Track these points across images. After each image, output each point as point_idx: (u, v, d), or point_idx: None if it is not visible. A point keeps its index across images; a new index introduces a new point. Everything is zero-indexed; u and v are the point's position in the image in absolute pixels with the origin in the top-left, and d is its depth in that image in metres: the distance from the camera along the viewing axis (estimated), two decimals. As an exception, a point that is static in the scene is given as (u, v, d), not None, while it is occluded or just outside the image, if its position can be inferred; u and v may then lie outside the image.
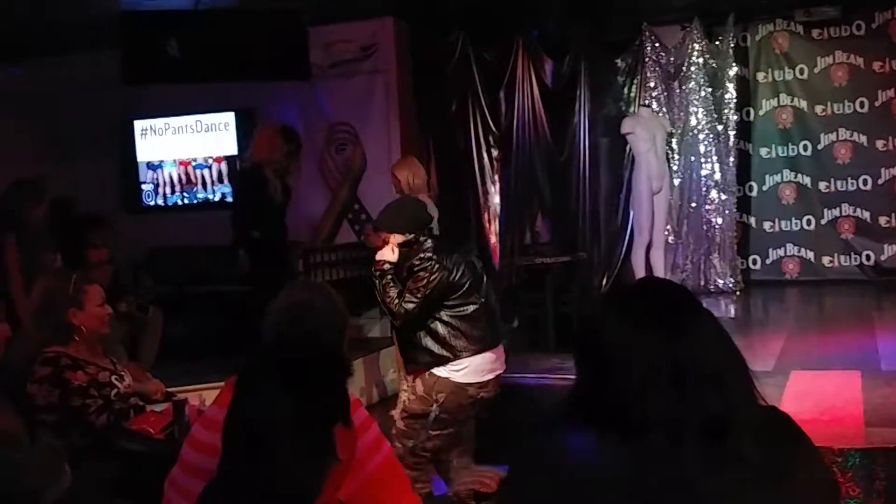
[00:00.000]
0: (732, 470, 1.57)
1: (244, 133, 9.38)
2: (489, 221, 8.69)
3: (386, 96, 8.84)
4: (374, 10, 8.54)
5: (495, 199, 8.69)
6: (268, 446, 1.73)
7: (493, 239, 8.73)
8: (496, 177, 8.69)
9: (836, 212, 9.86)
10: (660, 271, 9.05)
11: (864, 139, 9.70)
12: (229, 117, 9.50)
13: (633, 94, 9.70)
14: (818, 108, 9.85)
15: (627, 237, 9.47)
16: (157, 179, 9.87)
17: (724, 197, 9.54)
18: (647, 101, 9.48)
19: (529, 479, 1.69)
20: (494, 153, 8.71)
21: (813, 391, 5.48)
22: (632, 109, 9.55)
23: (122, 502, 3.75)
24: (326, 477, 1.81)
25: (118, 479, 3.87)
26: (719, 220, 9.54)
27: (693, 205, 9.59)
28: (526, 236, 9.32)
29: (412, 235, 4.51)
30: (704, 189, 9.54)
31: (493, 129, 8.70)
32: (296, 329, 2.68)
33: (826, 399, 5.27)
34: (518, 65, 8.95)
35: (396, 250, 4.54)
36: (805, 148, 9.93)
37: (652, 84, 9.57)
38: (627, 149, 9.26)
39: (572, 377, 5.96)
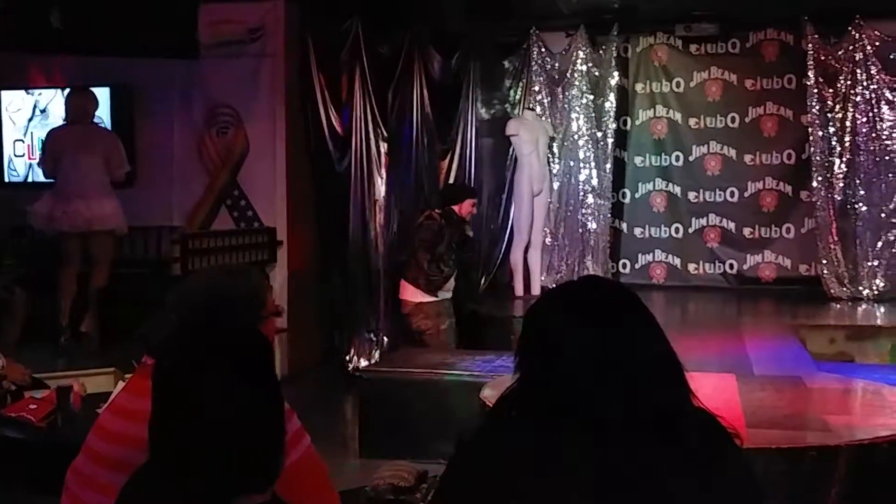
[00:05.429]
0: (680, 462, 1.63)
1: (118, 109, 9.05)
2: (373, 214, 8.63)
3: (272, 82, 8.61)
4: (265, -10, 8.34)
5: (381, 192, 8.62)
6: (226, 433, 1.67)
7: (375, 231, 8.66)
8: (382, 170, 8.63)
9: (703, 221, 10.25)
10: (536, 271, 9.23)
11: (733, 153, 10.11)
12: (104, 93, 9.11)
13: (518, 97, 9.84)
14: (692, 121, 10.23)
15: (507, 237, 9.60)
16: (23, 154, 9.39)
17: (599, 202, 9.78)
18: (531, 105, 9.63)
19: (478, 474, 1.69)
20: (382, 146, 8.65)
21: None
22: (517, 112, 9.68)
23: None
24: (285, 456, 1.77)
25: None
26: (594, 225, 9.78)
27: (570, 209, 9.80)
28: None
29: None
30: (582, 194, 9.76)
31: (381, 121, 8.64)
32: (222, 314, 2.58)
33: (706, 400, 5.41)
34: (409, 58, 8.90)
35: None
36: (677, 159, 10.28)
37: (537, 88, 9.74)
38: (511, 150, 9.38)
39: (458, 373, 5.93)
